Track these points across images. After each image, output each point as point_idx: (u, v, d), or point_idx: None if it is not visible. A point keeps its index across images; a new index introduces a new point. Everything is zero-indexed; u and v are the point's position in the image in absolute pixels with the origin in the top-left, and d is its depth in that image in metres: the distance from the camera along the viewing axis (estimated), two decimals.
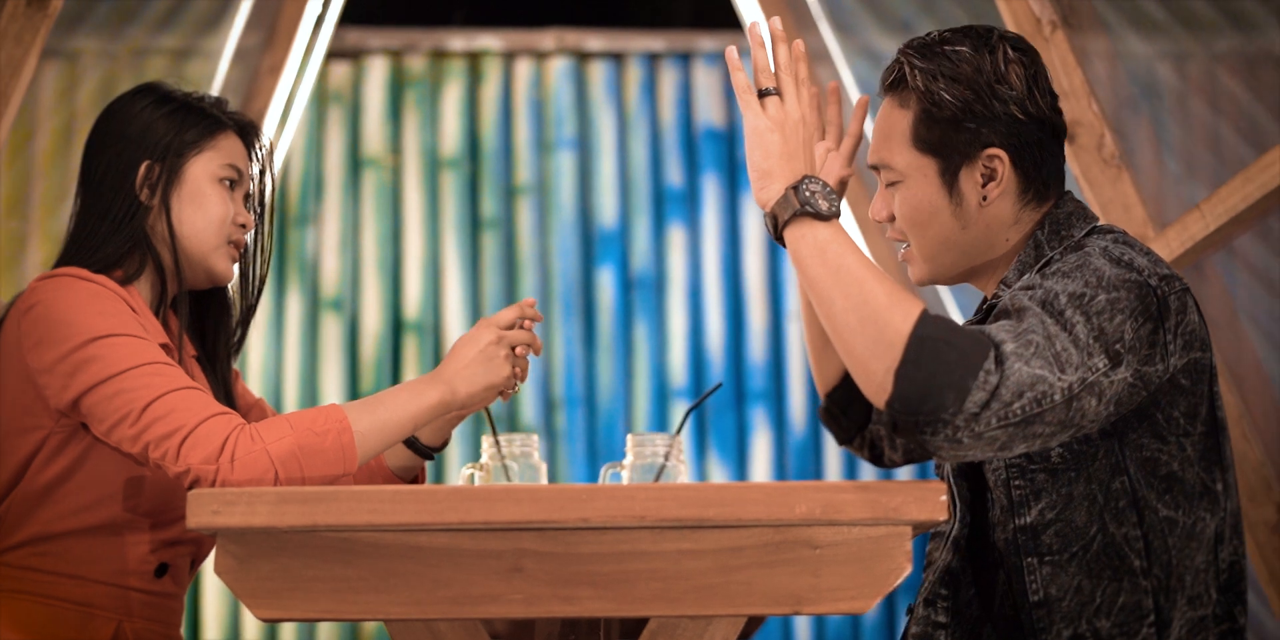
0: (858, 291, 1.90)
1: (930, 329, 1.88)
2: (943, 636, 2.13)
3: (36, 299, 2.21)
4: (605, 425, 5.56)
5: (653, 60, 5.77)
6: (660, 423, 5.60)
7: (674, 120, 5.75)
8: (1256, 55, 3.28)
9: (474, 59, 5.71)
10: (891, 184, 2.21)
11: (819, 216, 1.95)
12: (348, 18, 5.04)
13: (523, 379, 2.27)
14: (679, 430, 2.41)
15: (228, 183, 2.38)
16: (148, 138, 2.35)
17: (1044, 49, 3.29)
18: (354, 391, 5.53)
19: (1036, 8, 3.26)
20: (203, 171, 2.36)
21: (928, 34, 2.21)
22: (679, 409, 5.58)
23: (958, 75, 2.14)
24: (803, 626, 5.52)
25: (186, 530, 2.25)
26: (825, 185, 1.98)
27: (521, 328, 2.27)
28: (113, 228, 2.32)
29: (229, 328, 2.48)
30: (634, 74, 5.75)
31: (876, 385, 1.87)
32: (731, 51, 2.05)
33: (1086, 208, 2.19)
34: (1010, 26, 3.37)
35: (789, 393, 5.63)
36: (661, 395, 5.62)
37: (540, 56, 5.73)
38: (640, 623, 2.00)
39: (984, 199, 2.15)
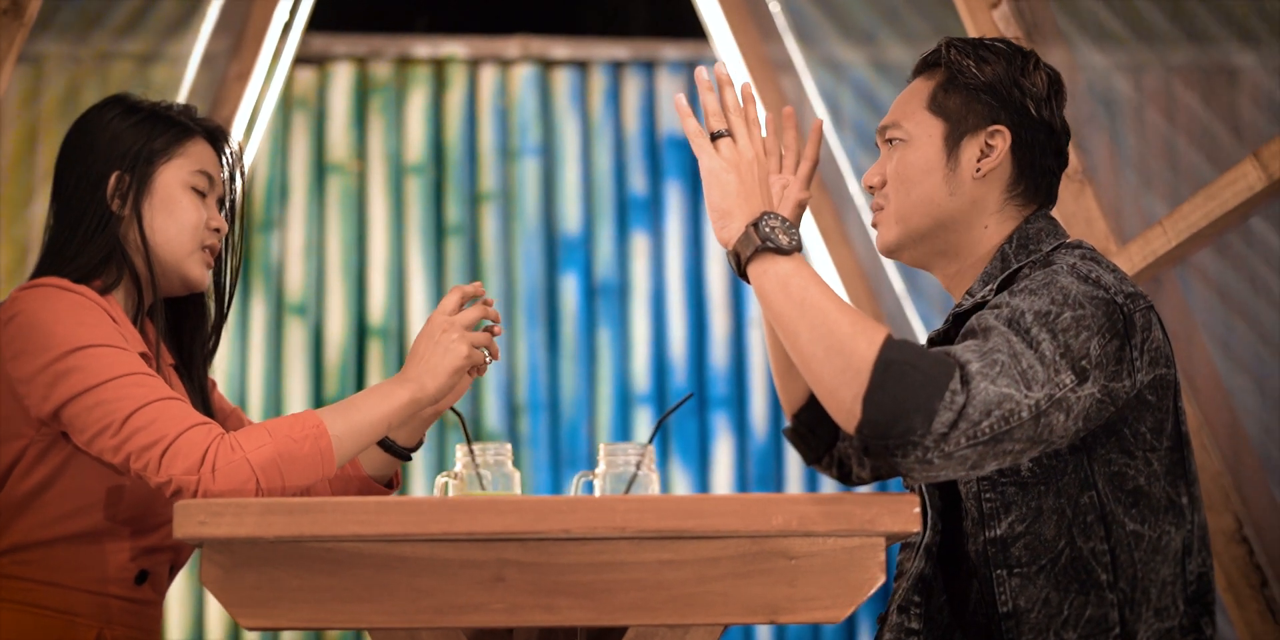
0: (822, 321, 1.94)
1: (895, 353, 1.91)
2: None
3: (18, 309, 2.22)
4: (568, 431, 5.58)
5: (617, 68, 5.79)
6: (623, 428, 5.62)
7: (638, 128, 5.77)
8: (1213, 69, 3.33)
9: (439, 66, 5.73)
10: (894, 143, 2.25)
11: (780, 251, 1.99)
12: (313, 24, 5.04)
13: (494, 355, 2.28)
14: (651, 439, 2.44)
15: (199, 189, 2.38)
16: (116, 148, 2.34)
17: None
18: (318, 396, 5.51)
19: (1001, 25, 3.31)
20: (173, 178, 2.36)
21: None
22: (642, 415, 5.62)
23: (990, 60, 2.22)
24: (763, 628, 5.56)
25: (166, 537, 2.28)
26: (784, 220, 2.01)
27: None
28: (85, 238, 2.32)
29: (204, 335, 2.48)
30: (598, 82, 5.78)
31: (846, 412, 1.90)
32: (680, 99, 2.09)
33: (1058, 225, 2.23)
34: None
35: (751, 399, 5.66)
36: (624, 401, 5.64)
37: (505, 64, 5.75)
38: (612, 631, 2.03)
39: (978, 171, 2.20)
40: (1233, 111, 3.26)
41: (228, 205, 2.46)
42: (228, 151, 2.45)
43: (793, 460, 5.56)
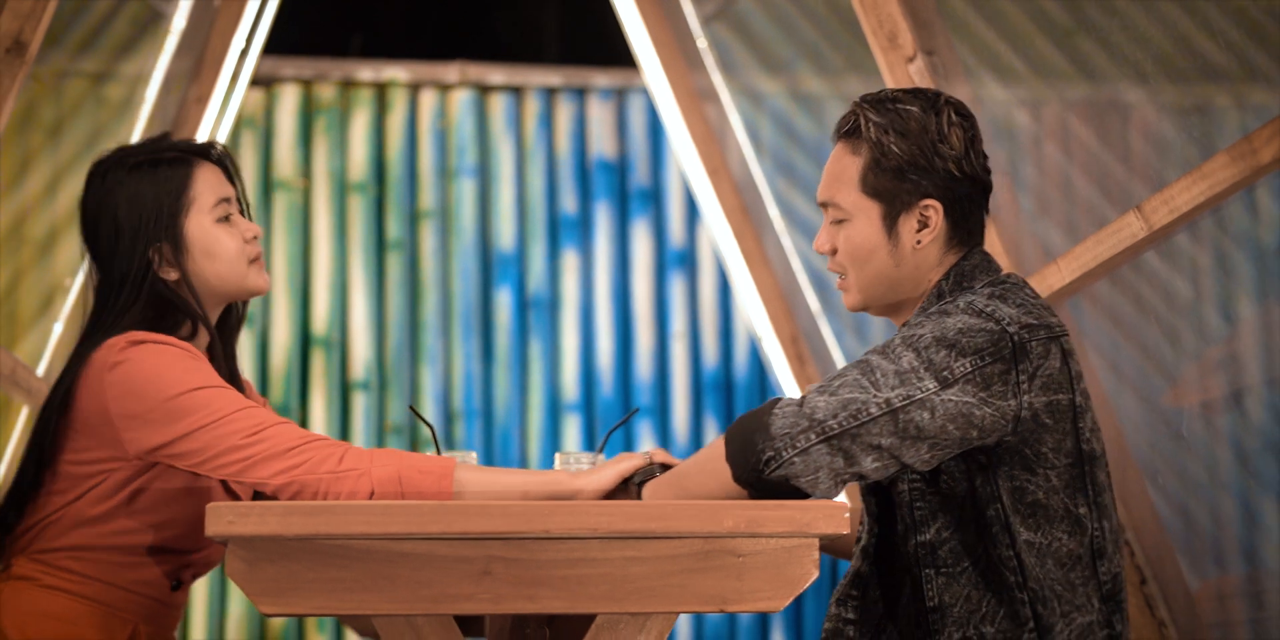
0: (686, 481, 2.29)
1: (731, 424, 2.22)
2: (851, 631, 2.34)
3: (124, 358, 2.37)
4: (501, 436, 5.63)
5: (550, 94, 5.84)
6: (552, 435, 5.68)
7: (569, 151, 5.83)
8: (1106, 106, 3.43)
9: (381, 89, 5.76)
10: (838, 222, 2.41)
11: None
12: (262, 48, 5.02)
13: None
14: (600, 448, 2.63)
15: (224, 216, 2.50)
16: (137, 209, 2.45)
17: None
18: None
19: (917, 77, 3.44)
20: (200, 224, 2.49)
21: (881, 91, 2.42)
22: (570, 422, 5.69)
23: (906, 131, 2.34)
24: (684, 623, 5.67)
25: (201, 555, 2.47)
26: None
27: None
28: (132, 297, 2.45)
29: (233, 341, 2.64)
30: (532, 107, 5.83)
31: (726, 483, 2.22)
32: None
33: (991, 261, 2.40)
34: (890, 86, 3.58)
35: (673, 407, 5.75)
36: (554, 409, 5.70)
37: (444, 88, 5.78)
38: (582, 618, 2.19)
39: (918, 243, 2.36)
40: (1128, 153, 3.36)
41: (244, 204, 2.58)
42: (226, 162, 2.56)
43: None
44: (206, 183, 2.51)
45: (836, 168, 2.44)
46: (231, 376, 2.57)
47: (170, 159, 2.50)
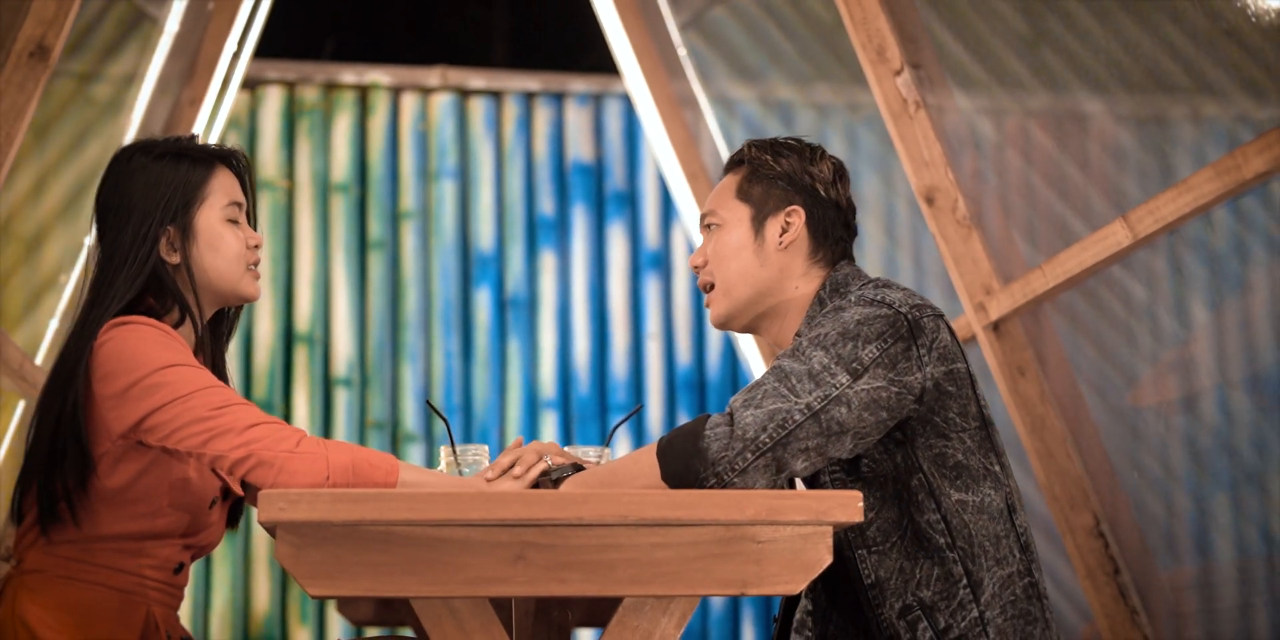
0: (623, 477, 2.36)
1: (662, 440, 2.32)
2: (810, 622, 2.49)
3: (108, 337, 2.43)
4: (480, 432, 5.72)
5: (529, 98, 5.94)
6: (530, 430, 5.76)
7: (547, 154, 5.92)
8: (1066, 117, 3.55)
9: (364, 92, 5.83)
10: (711, 228, 2.59)
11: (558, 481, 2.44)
12: None
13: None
14: (608, 442, 2.73)
15: (233, 219, 2.56)
16: (153, 196, 2.51)
17: (908, 126, 3.59)
18: (248, 397, 5.46)
19: (904, 89, 3.56)
20: (211, 219, 2.54)
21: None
22: (548, 418, 5.78)
23: (784, 154, 2.58)
24: None
25: (200, 538, 2.55)
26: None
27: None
28: (129, 281, 2.50)
29: (223, 346, 2.71)
30: (511, 111, 5.92)
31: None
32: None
33: (862, 271, 2.56)
34: (880, 103, 3.66)
35: (647, 404, 5.86)
36: (532, 405, 5.80)
37: (426, 92, 5.86)
38: (611, 600, 2.25)
39: (780, 244, 2.53)
40: (1102, 172, 3.46)
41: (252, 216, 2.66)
42: (244, 174, 2.62)
43: None
44: (222, 185, 2.57)
45: (718, 188, 2.65)
46: (217, 376, 2.62)
47: (194, 156, 2.57)
